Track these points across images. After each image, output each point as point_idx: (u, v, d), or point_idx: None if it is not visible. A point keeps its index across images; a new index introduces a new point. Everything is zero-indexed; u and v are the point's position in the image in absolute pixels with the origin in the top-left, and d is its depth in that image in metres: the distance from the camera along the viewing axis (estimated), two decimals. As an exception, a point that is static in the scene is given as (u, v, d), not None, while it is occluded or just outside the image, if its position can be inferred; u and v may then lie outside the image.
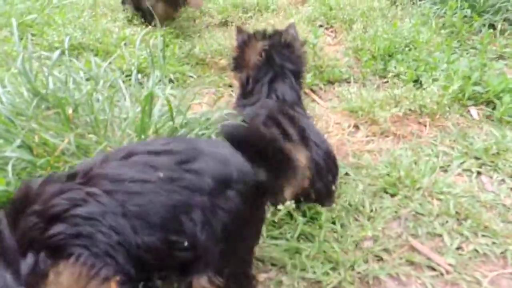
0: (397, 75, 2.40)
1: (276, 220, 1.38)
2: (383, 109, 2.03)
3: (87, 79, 1.74)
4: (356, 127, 2.02)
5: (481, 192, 1.65)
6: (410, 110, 2.03)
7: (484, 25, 2.91)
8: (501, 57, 2.73)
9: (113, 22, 2.73)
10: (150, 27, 2.75)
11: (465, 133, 1.95)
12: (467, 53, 2.77)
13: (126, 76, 2.24)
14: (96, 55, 2.39)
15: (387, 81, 2.42)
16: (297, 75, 1.72)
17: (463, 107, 2.19)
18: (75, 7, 2.87)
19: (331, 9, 3.15)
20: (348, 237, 1.38)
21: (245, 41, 1.74)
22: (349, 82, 2.43)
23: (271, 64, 1.67)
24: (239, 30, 1.80)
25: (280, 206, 1.36)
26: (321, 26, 3.12)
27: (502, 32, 2.92)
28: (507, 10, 2.94)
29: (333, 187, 1.50)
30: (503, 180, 1.71)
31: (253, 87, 1.67)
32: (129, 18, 2.93)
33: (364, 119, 2.02)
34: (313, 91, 2.35)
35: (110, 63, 2.21)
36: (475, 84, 2.25)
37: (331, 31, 3.06)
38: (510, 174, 1.73)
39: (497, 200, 1.60)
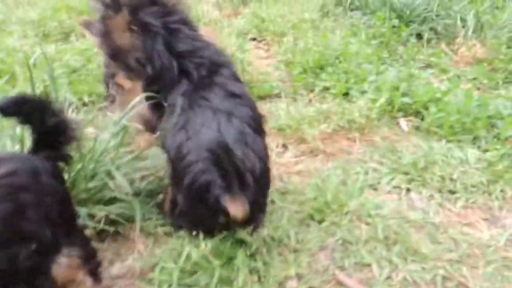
0: (327, 89, 2.32)
1: (188, 266, 1.20)
2: (312, 126, 1.91)
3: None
4: (285, 146, 1.88)
5: (411, 210, 1.56)
6: (339, 125, 1.93)
7: (411, 34, 2.91)
8: (428, 66, 2.72)
9: (22, 41, 2.44)
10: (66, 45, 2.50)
11: (394, 147, 1.87)
12: (396, 63, 2.75)
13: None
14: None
15: (318, 94, 2.33)
16: (187, 22, 1.40)
17: (392, 119, 2.13)
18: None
19: (263, 21, 3.03)
20: (270, 277, 1.23)
21: (102, 29, 1.33)
22: (280, 97, 2.31)
23: (150, 29, 1.29)
24: (84, 23, 1.48)
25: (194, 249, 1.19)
26: (254, 39, 3.01)
27: (429, 41, 2.93)
28: (433, 20, 2.96)
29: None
30: (431, 196, 1.63)
31: (153, 67, 1.32)
32: (45, 32, 2.66)
33: (293, 138, 1.89)
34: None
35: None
36: (404, 95, 2.19)
37: (264, 44, 2.94)
38: (438, 188, 1.66)
39: (426, 219, 1.52)
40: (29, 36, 2.54)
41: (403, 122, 2.11)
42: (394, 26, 2.91)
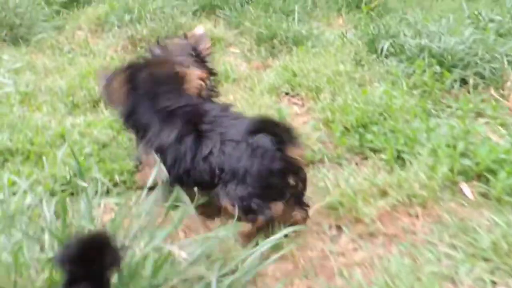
0: (375, 151, 2.10)
1: None
2: (367, 202, 1.69)
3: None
4: (339, 228, 1.66)
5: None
6: (398, 200, 1.70)
7: (455, 80, 2.70)
8: (479, 114, 2.49)
9: (51, 114, 2.34)
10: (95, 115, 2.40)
11: (465, 224, 1.62)
12: (443, 113, 2.53)
13: (62, 185, 1.84)
14: (27, 159, 1.98)
15: (366, 158, 2.11)
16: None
17: (453, 184, 1.89)
18: (2, 100, 2.46)
19: (294, 75, 2.88)
20: None
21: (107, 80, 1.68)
22: (323, 163, 2.11)
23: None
24: (100, 73, 1.77)
25: None
26: (286, 93, 2.84)
27: (475, 86, 2.70)
28: (477, 64, 2.74)
29: None
30: (523, 289, 1.37)
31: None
32: (74, 102, 2.56)
33: (347, 218, 1.67)
34: (284, 179, 2.00)
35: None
36: (462, 155, 1.96)
37: (298, 99, 2.77)
38: (529, 278, 1.40)
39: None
40: (57, 108, 2.44)
41: (466, 189, 1.86)
42: (435, 73, 2.70)
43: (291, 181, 1.48)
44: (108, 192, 1.84)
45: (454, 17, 3.29)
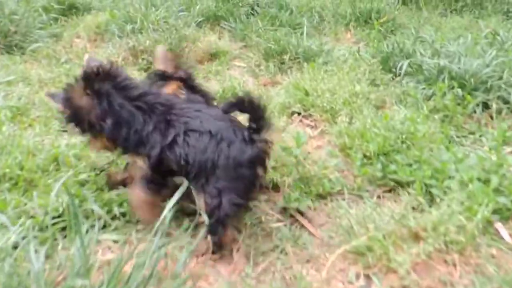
0: (399, 183, 1.91)
1: None
2: (399, 248, 1.49)
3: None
4: (368, 278, 1.46)
5: None
6: (433, 246, 1.51)
7: (477, 105, 2.53)
8: (504, 143, 2.31)
9: (44, 133, 2.13)
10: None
11: (509, 276, 1.43)
12: (465, 139, 2.36)
13: (53, 218, 1.62)
14: (15, 185, 1.77)
15: (389, 190, 1.92)
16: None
17: (488, 224, 1.70)
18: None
19: (307, 94, 2.69)
20: None
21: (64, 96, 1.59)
22: (342, 194, 1.91)
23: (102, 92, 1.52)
24: (49, 94, 1.71)
25: None
26: (298, 114, 2.65)
27: (498, 111, 2.53)
28: (500, 88, 2.58)
29: None
30: None
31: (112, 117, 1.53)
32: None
33: (377, 266, 1.47)
34: (301, 213, 1.80)
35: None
36: (496, 192, 1.77)
37: (311, 121, 2.58)
38: None
39: None
40: (51, 126, 2.23)
41: (503, 231, 1.67)
42: (456, 95, 2.53)
43: (260, 171, 1.51)
44: (105, 226, 1.64)
45: (471, 36, 3.13)
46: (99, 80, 1.52)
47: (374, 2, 4.64)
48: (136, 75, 3.14)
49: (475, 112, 2.50)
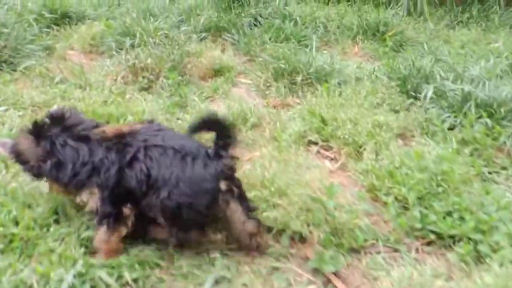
0: (441, 236, 1.72)
1: None
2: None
3: None
4: None
5: None
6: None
7: (508, 136, 2.35)
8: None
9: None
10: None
11: None
12: (498, 175, 2.18)
13: (55, 289, 1.39)
14: (8, 245, 1.52)
15: (429, 243, 1.74)
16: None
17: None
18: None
19: (323, 121, 2.49)
20: None
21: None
22: (376, 247, 1.72)
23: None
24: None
25: None
26: (314, 143, 2.45)
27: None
28: (530, 117, 2.41)
29: None
30: None
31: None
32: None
33: None
34: (334, 273, 1.60)
35: None
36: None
37: (330, 152, 2.38)
38: None
39: None
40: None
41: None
42: (485, 126, 2.36)
43: (223, 186, 1.50)
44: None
45: (491, 58, 2.97)
46: (46, 126, 1.54)
47: (381, 13, 4.45)
48: (136, 95, 2.90)
49: (505, 144, 2.33)
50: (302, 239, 1.72)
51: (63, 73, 3.04)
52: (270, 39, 4.01)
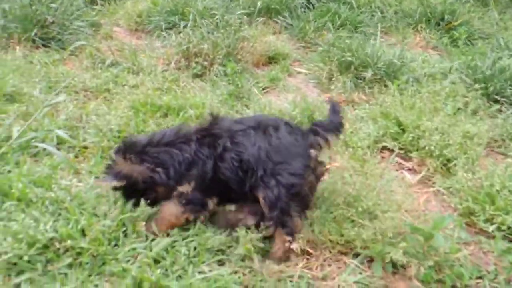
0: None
1: None
2: None
3: None
4: None
5: None
6: None
7: None
8: None
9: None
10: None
11: None
12: None
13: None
14: (76, 260, 1.37)
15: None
16: None
17: None
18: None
19: (401, 127, 2.23)
20: None
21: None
22: (480, 286, 1.50)
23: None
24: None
25: None
26: (388, 149, 2.21)
27: None
28: None
29: None
30: None
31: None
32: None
33: None
34: (435, 314, 1.40)
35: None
36: None
37: (410, 163, 2.13)
38: None
39: None
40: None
41: None
42: None
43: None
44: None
45: None
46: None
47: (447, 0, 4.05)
48: (190, 83, 2.69)
49: None
50: (396, 269, 1.52)
51: (113, 55, 2.84)
52: (324, 24, 3.72)
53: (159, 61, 2.92)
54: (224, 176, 1.46)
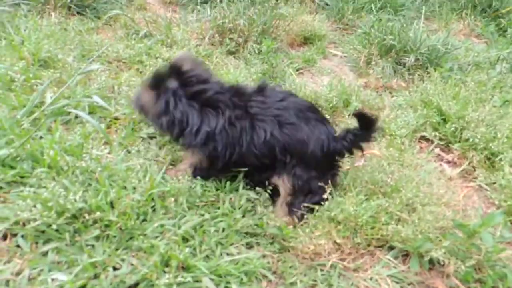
0: None
1: None
2: None
3: None
4: None
5: None
6: None
7: None
8: None
9: (141, 154, 1.64)
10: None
11: None
12: None
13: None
14: (103, 232, 1.32)
15: None
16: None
17: None
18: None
19: (443, 117, 2.07)
20: None
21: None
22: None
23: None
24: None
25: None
26: (427, 140, 2.06)
27: None
28: None
29: None
30: None
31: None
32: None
33: None
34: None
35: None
36: None
37: (449, 154, 1.99)
38: None
39: None
40: (140, 134, 1.75)
41: None
42: None
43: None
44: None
45: None
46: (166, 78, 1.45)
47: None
48: (224, 60, 2.58)
49: None
50: (432, 266, 1.41)
51: (148, 27, 2.75)
52: (364, 6, 3.52)
53: (192, 36, 2.81)
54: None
